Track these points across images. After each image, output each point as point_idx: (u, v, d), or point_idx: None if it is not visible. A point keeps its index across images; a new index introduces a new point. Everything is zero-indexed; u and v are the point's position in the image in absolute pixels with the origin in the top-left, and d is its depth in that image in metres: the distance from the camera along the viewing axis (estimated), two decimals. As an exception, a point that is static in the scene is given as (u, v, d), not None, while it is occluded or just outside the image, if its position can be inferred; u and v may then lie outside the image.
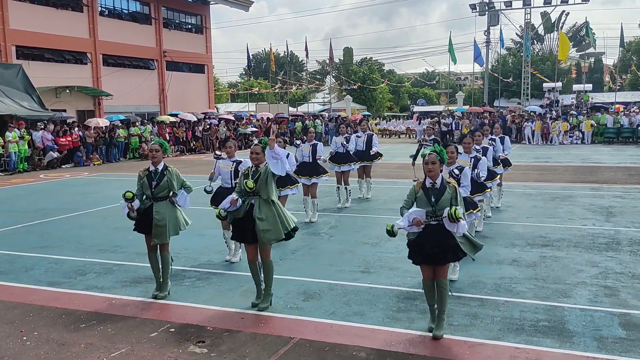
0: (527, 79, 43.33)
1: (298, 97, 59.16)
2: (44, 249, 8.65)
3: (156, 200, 6.18)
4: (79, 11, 30.44)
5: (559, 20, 54.37)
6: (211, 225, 9.29)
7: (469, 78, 66.94)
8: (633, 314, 5.55)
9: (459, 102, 49.70)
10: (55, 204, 13.18)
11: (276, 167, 5.66)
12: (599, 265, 7.22)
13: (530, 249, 8.11)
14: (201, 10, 39.56)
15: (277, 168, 5.66)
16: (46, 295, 6.44)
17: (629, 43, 52.53)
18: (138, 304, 6.09)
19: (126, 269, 7.42)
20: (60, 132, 22.92)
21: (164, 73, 35.84)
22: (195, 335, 5.19)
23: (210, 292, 6.46)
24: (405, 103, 66.74)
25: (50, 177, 19.05)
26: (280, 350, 4.84)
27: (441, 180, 5.04)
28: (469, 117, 35.32)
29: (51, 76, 27.49)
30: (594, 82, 55.30)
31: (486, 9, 46.76)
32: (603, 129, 31.26)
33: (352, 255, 7.93)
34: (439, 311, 5.11)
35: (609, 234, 8.99)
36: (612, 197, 12.62)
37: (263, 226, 5.67)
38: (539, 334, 5.10)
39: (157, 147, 6.26)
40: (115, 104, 30.82)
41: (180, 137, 28.77)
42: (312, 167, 10.35)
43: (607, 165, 19.78)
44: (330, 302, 6.03)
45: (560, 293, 6.18)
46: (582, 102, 41.51)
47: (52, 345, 5.03)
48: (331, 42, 48.09)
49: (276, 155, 5.63)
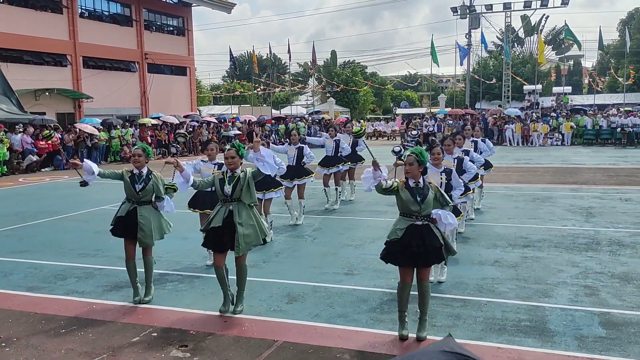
0: (507, 81, 43.80)
1: (281, 99, 59.10)
2: (23, 254, 8.52)
3: (140, 204, 6.12)
4: (58, 13, 30.13)
5: (539, 24, 55.07)
6: (193, 229, 9.22)
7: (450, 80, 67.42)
8: (613, 313, 5.62)
9: (441, 104, 50.03)
10: (35, 207, 12.99)
11: (264, 168, 5.62)
12: (579, 265, 7.31)
13: (511, 250, 8.18)
14: (183, 12, 39.38)
15: (265, 169, 5.63)
16: (25, 301, 6.34)
17: (607, 46, 53.39)
18: (119, 308, 6.02)
19: (107, 273, 7.34)
20: (39, 136, 22.61)
21: (145, 75, 35.59)
22: (177, 340, 5.14)
23: (193, 295, 6.41)
24: (388, 105, 67.03)
25: (29, 181, 18.78)
26: (263, 353, 4.82)
27: (423, 180, 5.07)
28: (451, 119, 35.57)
29: (30, 78, 27.14)
30: (573, 84, 56.04)
31: (467, 12, 47.18)
32: (582, 130, 31.69)
33: (335, 258, 7.93)
34: (422, 313, 5.11)
35: (588, 234, 9.10)
36: (592, 198, 12.80)
37: (244, 231, 5.60)
38: (520, 333, 5.14)
39: (140, 151, 6.20)
40: (95, 106, 30.52)
41: (162, 139, 28.56)
42: (297, 170, 10.33)
43: (586, 166, 20.05)
44: (313, 304, 6.02)
45: (542, 293, 6.24)
46: (561, 105, 42.05)
47: (31, 351, 4.95)
48: (314, 45, 48.14)
49: (261, 157, 5.60)
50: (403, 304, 5.09)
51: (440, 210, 5.00)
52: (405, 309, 5.11)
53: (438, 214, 4.96)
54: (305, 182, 10.39)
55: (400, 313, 5.12)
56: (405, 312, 5.11)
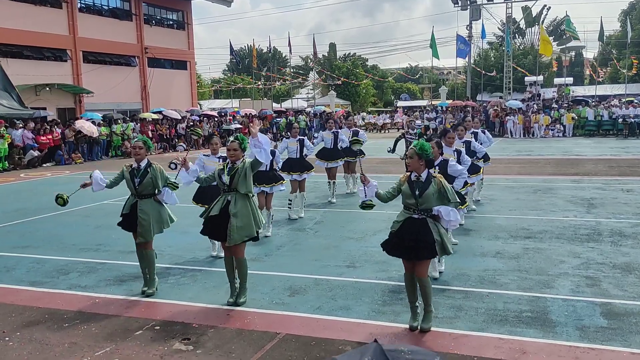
0: (509, 73, 43.66)
1: (282, 93, 59.03)
2: (26, 249, 8.54)
3: (141, 198, 6.14)
4: (58, 7, 30.02)
5: (540, 15, 54.83)
6: (195, 223, 9.19)
7: (451, 72, 67.23)
8: (614, 303, 5.63)
9: (442, 96, 49.92)
10: (37, 203, 13.02)
11: (260, 155, 5.62)
12: (580, 256, 7.31)
13: (513, 241, 8.18)
14: (183, 6, 39.23)
15: (261, 156, 5.62)
16: (28, 295, 6.36)
17: (608, 37, 53.15)
18: (122, 302, 6.04)
19: (109, 268, 7.36)
20: (41, 131, 22.61)
21: (145, 70, 35.50)
22: (180, 333, 5.16)
23: (196, 289, 6.43)
24: (389, 98, 66.88)
25: (31, 176, 18.80)
26: (266, 345, 4.84)
27: (427, 174, 5.05)
28: (452, 112, 35.51)
29: (30, 74, 27.08)
30: (575, 75, 55.85)
31: (468, 3, 46.98)
32: (584, 122, 31.62)
33: (337, 250, 7.95)
34: (425, 305, 5.13)
35: (590, 225, 9.10)
36: (593, 189, 12.78)
37: (236, 223, 5.63)
38: (522, 324, 5.15)
39: (141, 144, 6.21)
40: (96, 101, 30.47)
41: (163, 134, 28.56)
42: (300, 163, 10.35)
43: (588, 157, 20.02)
44: (316, 297, 6.04)
45: (543, 284, 6.25)
46: (563, 96, 41.92)
47: (35, 345, 4.97)
48: (314, 38, 48.08)
49: (258, 144, 5.59)
50: (409, 294, 5.16)
51: (442, 207, 4.96)
52: (415, 299, 5.15)
53: (439, 210, 4.94)
54: (308, 176, 10.44)
55: (410, 304, 5.19)
56: (415, 303, 5.16)
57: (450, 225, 5.05)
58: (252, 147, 5.64)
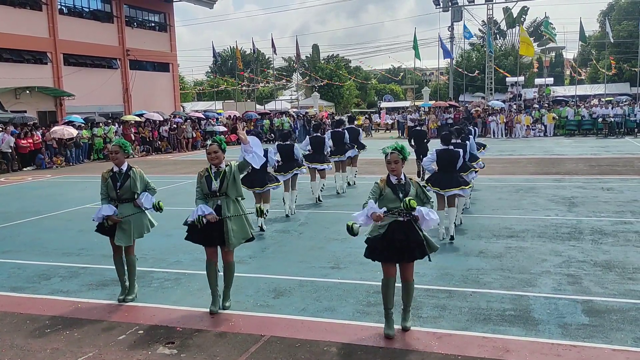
0: (490, 73, 44.04)
1: (265, 94, 58.87)
2: (6, 254, 8.42)
3: (121, 202, 6.07)
4: (37, 10, 29.67)
5: (520, 16, 55.38)
6: (178, 226, 9.15)
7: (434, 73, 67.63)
8: (595, 300, 5.71)
9: (425, 97, 50.17)
10: (18, 207, 12.84)
11: (253, 160, 5.57)
12: (562, 255, 7.40)
13: (496, 241, 8.26)
14: (164, 8, 39.01)
15: (254, 161, 5.58)
16: (9, 301, 6.28)
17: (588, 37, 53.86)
18: (105, 306, 5.98)
19: (92, 272, 7.28)
20: (21, 134, 22.29)
21: (127, 72, 35.22)
22: (164, 337, 5.12)
23: (179, 292, 6.39)
24: (373, 99, 67.07)
25: (11, 181, 18.53)
26: (251, 348, 4.83)
27: (404, 176, 5.09)
28: (435, 112, 35.73)
29: (10, 77, 26.73)
30: (555, 76, 56.50)
31: (449, 4, 47.34)
32: (564, 121, 32.01)
33: (322, 252, 7.95)
34: (406, 305, 5.13)
35: (571, 224, 9.22)
36: (574, 188, 12.95)
37: (233, 226, 5.58)
38: (505, 323, 5.20)
39: (117, 148, 6.10)
40: (77, 104, 30.16)
41: (146, 137, 28.34)
42: (289, 163, 10.59)
43: (568, 157, 20.27)
44: (300, 298, 6.04)
45: (526, 282, 6.32)
46: (544, 96, 42.41)
47: (16, 351, 4.90)
48: (297, 39, 48.05)
49: (250, 149, 5.55)
50: (388, 300, 5.03)
51: (422, 208, 4.98)
52: (391, 305, 5.04)
53: (420, 211, 4.94)
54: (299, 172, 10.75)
55: (386, 311, 5.05)
56: (391, 310, 5.04)
57: (428, 225, 5.03)
58: (244, 152, 5.59)
